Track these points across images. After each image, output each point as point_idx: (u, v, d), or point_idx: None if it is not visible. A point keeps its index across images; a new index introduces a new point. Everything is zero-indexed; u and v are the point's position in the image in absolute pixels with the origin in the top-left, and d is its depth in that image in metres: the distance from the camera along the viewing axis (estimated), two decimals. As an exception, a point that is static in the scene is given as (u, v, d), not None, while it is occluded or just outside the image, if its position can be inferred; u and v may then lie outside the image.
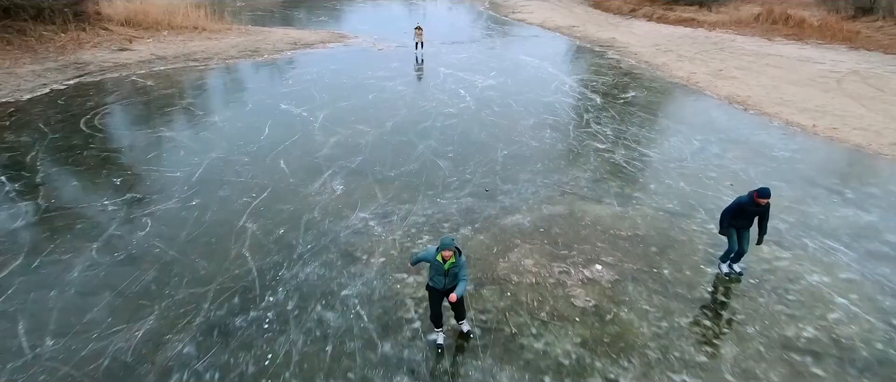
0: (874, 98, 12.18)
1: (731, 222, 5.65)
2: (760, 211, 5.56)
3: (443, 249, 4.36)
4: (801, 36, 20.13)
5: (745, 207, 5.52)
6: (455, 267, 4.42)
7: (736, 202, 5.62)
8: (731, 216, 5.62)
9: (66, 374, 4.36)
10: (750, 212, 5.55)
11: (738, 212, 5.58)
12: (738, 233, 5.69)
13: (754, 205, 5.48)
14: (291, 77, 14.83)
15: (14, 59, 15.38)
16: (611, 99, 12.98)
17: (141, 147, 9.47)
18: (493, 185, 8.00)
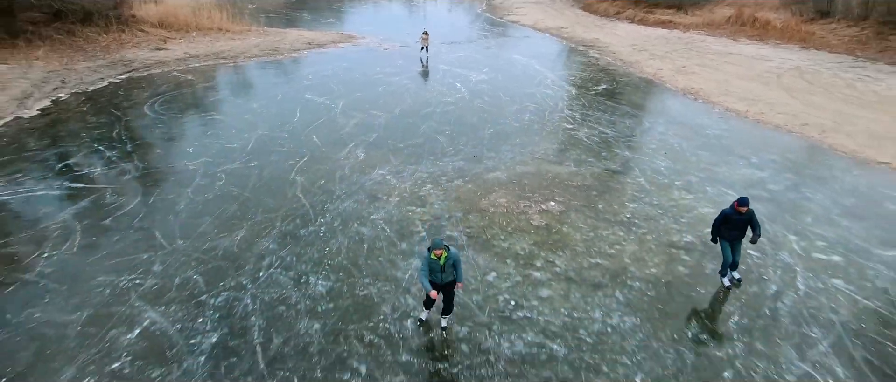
0: (803, 90, 14.61)
1: (723, 234, 6.16)
2: (745, 218, 6.04)
3: (434, 249, 5.12)
4: (763, 37, 22.58)
5: (730, 217, 6.03)
6: (449, 261, 5.21)
7: (721, 213, 6.12)
8: (721, 227, 6.14)
9: (198, 257, 6.78)
10: (736, 221, 6.05)
11: (725, 223, 6.09)
12: (731, 245, 6.20)
13: (737, 214, 5.99)
14: (311, 73, 17.24)
15: (69, 57, 17.79)
16: (584, 91, 15.42)
17: (200, 126, 11.90)
18: (480, 153, 10.42)
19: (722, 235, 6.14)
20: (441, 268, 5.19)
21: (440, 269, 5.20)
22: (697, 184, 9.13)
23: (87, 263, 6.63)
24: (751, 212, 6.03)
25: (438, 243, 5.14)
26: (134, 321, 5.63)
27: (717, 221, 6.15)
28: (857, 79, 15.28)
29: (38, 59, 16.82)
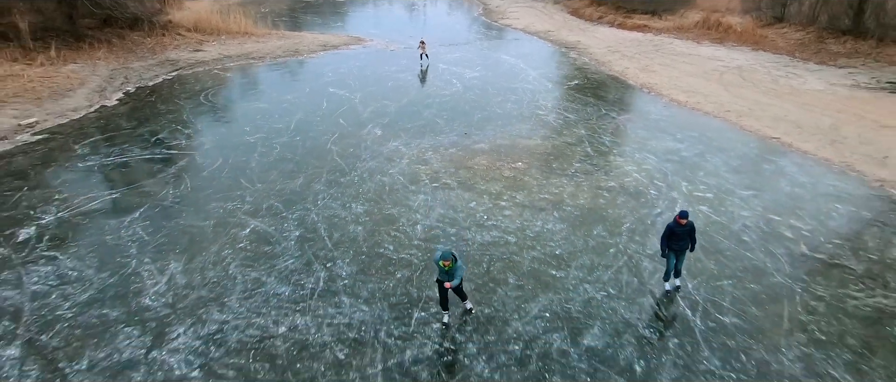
0: (736, 85, 17.90)
1: (670, 245, 6.87)
2: (687, 229, 6.79)
3: (442, 259, 6.04)
4: (724, 39, 25.87)
5: (674, 229, 6.78)
6: (453, 269, 6.17)
7: (666, 228, 6.89)
8: (667, 240, 6.87)
9: (274, 193, 10.05)
10: (679, 233, 6.81)
11: (670, 236, 6.83)
12: (676, 256, 7.00)
13: (679, 226, 6.73)
14: (330, 71, 20.51)
15: (123, 57, 21.07)
16: (559, 85, 18.71)
17: (249, 112, 15.18)
18: (469, 131, 13.69)
19: (670, 248, 6.90)
20: (447, 274, 6.21)
21: (446, 274, 6.24)
22: (629, 152, 12.41)
23: (201, 197, 9.92)
24: (691, 224, 6.84)
25: (447, 254, 6.10)
26: (244, 225, 8.90)
27: (663, 236, 6.91)
28: (783, 76, 18.61)
29: (100, 58, 20.10)
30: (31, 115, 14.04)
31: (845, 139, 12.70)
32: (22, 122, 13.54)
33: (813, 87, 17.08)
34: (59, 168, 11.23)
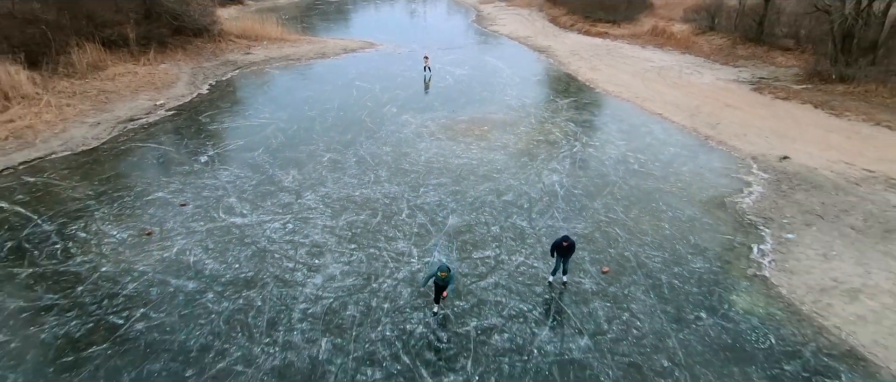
0: (653, 80, 24.86)
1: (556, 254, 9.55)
2: (566, 248, 9.29)
3: (440, 271, 8.16)
4: (664, 44, 32.86)
5: (559, 244, 9.38)
6: (447, 280, 8.28)
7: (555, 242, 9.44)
8: (555, 250, 9.51)
9: (336, 140, 17.02)
10: (564, 248, 9.36)
11: (557, 248, 9.47)
12: (563, 261, 9.61)
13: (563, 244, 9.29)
14: (352, 69, 27.50)
15: (195, 59, 28.04)
16: (524, 80, 25.69)
17: (302, 97, 22.15)
18: (456, 110, 20.66)
19: (557, 253, 9.56)
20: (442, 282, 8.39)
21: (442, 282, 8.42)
22: (558, 121, 19.36)
23: (292, 143, 16.86)
24: (572, 244, 9.42)
25: (444, 267, 8.17)
26: (323, 156, 15.86)
27: (553, 247, 9.60)
28: (688, 73, 25.64)
29: (180, 59, 27.11)
30: (158, 99, 21.05)
31: (700, 114, 19.69)
32: (156, 103, 20.54)
33: (703, 81, 24.12)
34: (198, 129, 18.23)
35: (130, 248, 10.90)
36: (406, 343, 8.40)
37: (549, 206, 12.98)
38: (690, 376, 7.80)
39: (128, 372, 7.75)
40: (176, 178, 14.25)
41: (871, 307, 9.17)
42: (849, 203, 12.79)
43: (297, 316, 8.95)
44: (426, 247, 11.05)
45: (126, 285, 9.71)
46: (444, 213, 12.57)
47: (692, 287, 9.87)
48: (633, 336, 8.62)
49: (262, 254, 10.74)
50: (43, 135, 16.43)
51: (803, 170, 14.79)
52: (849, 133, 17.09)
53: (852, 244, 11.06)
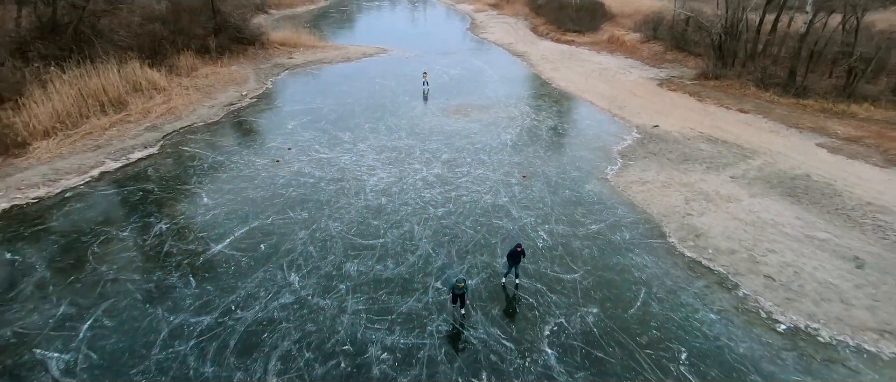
0: (595, 78, 34.69)
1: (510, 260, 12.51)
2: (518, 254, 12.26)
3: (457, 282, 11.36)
4: (616, 51, 42.72)
5: (513, 251, 12.33)
6: (464, 289, 11.55)
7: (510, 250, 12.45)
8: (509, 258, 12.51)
9: (371, 119, 26.86)
10: (516, 255, 12.32)
11: (511, 256, 12.41)
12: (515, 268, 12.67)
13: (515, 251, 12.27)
14: (373, 69, 37.39)
15: (253, 62, 37.86)
16: (502, 78, 35.54)
17: (339, 90, 32.00)
18: (450, 99, 30.51)
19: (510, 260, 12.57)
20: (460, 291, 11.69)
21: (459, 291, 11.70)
22: (516, 105, 29.18)
23: (342, 118, 26.68)
24: (523, 251, 12.55)
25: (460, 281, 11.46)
26: (364, 125, 25.70)
27: (508, 254, 12.61)
28: (621, 73, 35.51)
29: (242, 62, 37.00)
30: (242, 91, 30.89)
31: (615, 100, 29.52)
32: (241, 94, 30.37)
33: (628, 79, 34.00)
34: (277, 110, 28.03)
35: (271, 168, 20.67)
36: (421, 200, 18.10)
37: (501, 150, 22.77)
38: (552, 210, 17.51)
39: (293, 210, 17.45)
40: (278, 137, 24.05)
41: (649, 189, 18.91)
42: (675, 148, 22.59)
43: (367, 191, 18.69)
44: (431, 169, 20.79)
45: (277, 180, 19.47)
46: (440, 153, 22.36)
47: (567, 182, 19.62)
48: (532, 198, 18.35)
49: (343, 169, 20.50)
50: (184, 113, 26.27)
51: (662, 132, 24.60)
52: (701, 112, 26.96)
53: (661, 166, 20.85)
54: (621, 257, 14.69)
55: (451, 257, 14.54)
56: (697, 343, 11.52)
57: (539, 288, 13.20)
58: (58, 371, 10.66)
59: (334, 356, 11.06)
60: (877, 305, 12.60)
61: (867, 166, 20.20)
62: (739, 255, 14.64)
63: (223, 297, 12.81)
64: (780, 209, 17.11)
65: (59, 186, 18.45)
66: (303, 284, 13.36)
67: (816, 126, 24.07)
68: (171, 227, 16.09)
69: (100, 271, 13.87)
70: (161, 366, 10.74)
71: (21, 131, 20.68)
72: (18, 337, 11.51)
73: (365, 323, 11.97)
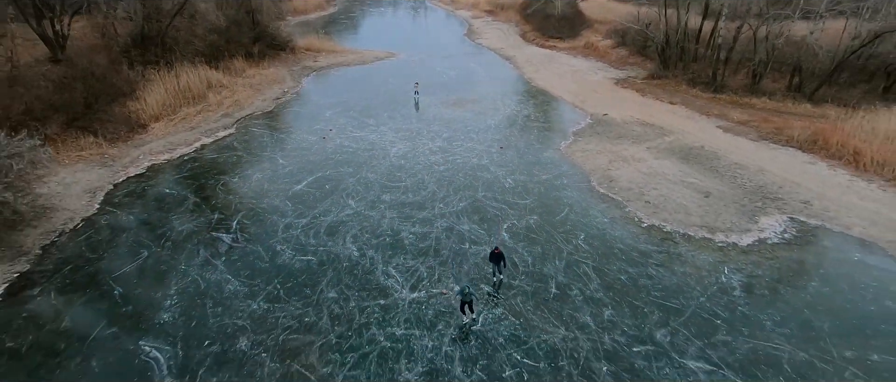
0: (567, 78, 43.44)
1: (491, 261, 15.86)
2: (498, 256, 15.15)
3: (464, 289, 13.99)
4: (589, 55, 51.49)
5: (493, 253, 15.47)
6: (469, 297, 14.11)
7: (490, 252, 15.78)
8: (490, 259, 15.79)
9: (388, 108, 35.64)
10: (495, 256, 15.41)
11: (492, 257, 15.55)
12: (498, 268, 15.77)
13: (494, 253, 15.31)
14: (385, 71, 46.20)
15: (285, 65, 46.59)
16: (491, 78, 44.33)
17: (360, 87, 40.81)
18: (448, 95, 39.30)
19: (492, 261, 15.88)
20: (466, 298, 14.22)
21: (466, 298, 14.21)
22: (501, 99, 37.96)
23: (367, 108, 35.44)
24: (501, 252, 15.63)
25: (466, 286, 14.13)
26: (383, 112, 34.44)
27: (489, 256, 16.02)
28: (589, 74, 44.31)
29: (277, 66, 45.78)
30: (284, 88, 39.68)
31: (579, 95, 38.28)
32: (284, 90, 39.14)
33: (593, 79, 42.79)
34: (315, 103, 36.80)
35: (319, 142, 29.36)
36: (427, 161, 26.76)
37: (486, 131, 31.48)
38: (518, 167, 26.14)
39: (342, 167, 26.10)
40: (319, 122, 32.78)
41: (587, 155, 27.61)
42: (614, 129, 31.30)
43: (390, 156, 27.37)
44: (435, 143, 29.44)
45: (326, 150, 28.17)
46: (441, 133, 31.07)
47: (531, 151, 28.30)
48: (505, 160, 27.01)
49: (372, 143, 29.19)
50: (245, 104, 35.03)
51: (609, 119, 33.30)
52: (641, 104, 35.74)
53: (600, 141, 29.56)
54: (558, 192, 23.42)
55: (449, 192, 23.25)
56: (592, 231, 20.22)
57: (502, 207, 21.91)
58: (226, 244, 19.31)
59: (382, 236, 19.74)
60: (706, 215, 21.32)
61: (745, 140, 28.97)
62: (633, 191, 23.36)
63: (310, 211, 21.53)
64: (671, 166, 25.85)
65: (177, 153, 27.20)
66: (357, 205, 22.07)
67: (721, 114, 32.87)
68: (263, 176, 24.83)
69: (229, 198, 22.61)
70: (285, 240, 19.41)
71: (141, 116, 29.44)
72: (197, 229, 20.21)
73: (397, 223, 20.67)
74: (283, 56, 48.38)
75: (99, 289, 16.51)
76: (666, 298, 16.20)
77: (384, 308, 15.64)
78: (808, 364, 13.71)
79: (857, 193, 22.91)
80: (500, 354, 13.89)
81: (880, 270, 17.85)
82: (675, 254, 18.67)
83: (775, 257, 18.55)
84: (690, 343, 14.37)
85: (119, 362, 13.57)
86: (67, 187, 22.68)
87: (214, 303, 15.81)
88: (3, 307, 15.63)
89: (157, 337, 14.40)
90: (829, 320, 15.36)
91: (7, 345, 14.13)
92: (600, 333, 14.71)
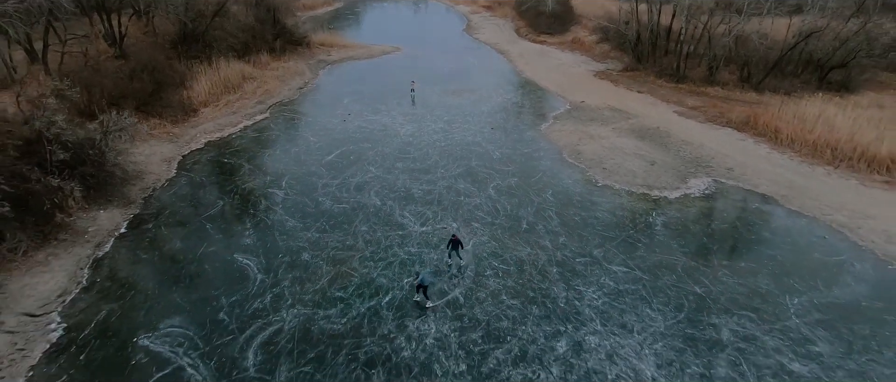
0: (553, 70, 49.83)
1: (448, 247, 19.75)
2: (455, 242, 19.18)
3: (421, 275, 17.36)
4: (575, 49, 57.83)
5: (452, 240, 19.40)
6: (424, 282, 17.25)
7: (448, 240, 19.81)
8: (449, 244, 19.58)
9: (396, 95, 42.11)
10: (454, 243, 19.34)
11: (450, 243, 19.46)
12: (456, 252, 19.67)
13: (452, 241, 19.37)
14: (391, 64, 52.62)
15: (303, 59, 52.95)
16: (485, 69, 50.76)
17: (370, 79, 47.26)
18: (448, 85, 45.73)
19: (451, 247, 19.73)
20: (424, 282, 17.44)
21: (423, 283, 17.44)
22: (493, 86, 44.42)
23: (380, 94, 41.89)
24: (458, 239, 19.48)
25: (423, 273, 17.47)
26: (391, 98, 40.92)
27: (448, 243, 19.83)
28: (573, 67, 50.71)
29: (295, 59, 52.17)
30: (304, 79, 46.12)
31: (562, 85, 44.72)
32: (305, 81, 45.57)
33: (576, 71, 49.21)
34: (333, 92, 43.23)
35: (341, 124, 35.85)
36: (431, 139, 33.22)
37: (480, 115, 37.96)
38: (505, 143, 32.57)
39: (362, 143, 32.58)
40: (338, 107, 39.23)
41: (562, 134, 34.07)
42: (587, 114, 37.76)
43: (401, 135, 33.85)
44: (437, 125, 35.89)
45: (348, 129, 34.66)
46: (442, 117, 37.54)
47: (516, 131, 34.77)
48: (495, 138, 33.47)
49: (385, 125, 35.67)
50: (274, 93, 41.47)
51: (584, 105, 39.75)
52: (614, 92, 42.19)
53: (574, 123, 36.03)
54: (535, 162, 29.93)
55: (448, 161, 29.72)
56: (558, 188, 26.72)
57: (490, 172, 28.39)
58: (280, 197, 25.80)
59: (397, 191, 26.25)
60: (648, 178, 27.83)
61: (694, 122, 35.46)
62: (594, 161, 29.87)
63: (340, 174, 28.03)
64: (629, 142, 32.36)
65: (226, 132, 33.69)
66: (376, 170, 28.57)
67: (678, 101, 39.36)
68: (299, 150, 31.32)
69: (275, 166, 29.10)
70: (324, 194, 25.91)
71: (193, 102, 35.91)
72: (255, 186, 26.71)
73: (409, 182, 27.17)
74: (301, 50, 54.74)
75: (193, 225, 23.03)
76: (605, 231, 22.76)
77: (402, 236, 22.18)
78: (695, 268, 20.25)
79: (771, 162, 29.47)
80: (484, 263, 20.41)
81: (769, 214, 24.44)
82: (618, 204, 25.21)
83: (694, 206, 25.12)
84: (616, 256, 20.93)
85: (224, 266, 20.09)
86: (148, 157, 29.16)
87: (280, 233, 22.34)
88: (130, 236, 22.16)
89: (246, 253, 20.92)
90: (718, 244, 21.95)
91: (142, 257, 20.68)
92: (555, 251, 21.26)
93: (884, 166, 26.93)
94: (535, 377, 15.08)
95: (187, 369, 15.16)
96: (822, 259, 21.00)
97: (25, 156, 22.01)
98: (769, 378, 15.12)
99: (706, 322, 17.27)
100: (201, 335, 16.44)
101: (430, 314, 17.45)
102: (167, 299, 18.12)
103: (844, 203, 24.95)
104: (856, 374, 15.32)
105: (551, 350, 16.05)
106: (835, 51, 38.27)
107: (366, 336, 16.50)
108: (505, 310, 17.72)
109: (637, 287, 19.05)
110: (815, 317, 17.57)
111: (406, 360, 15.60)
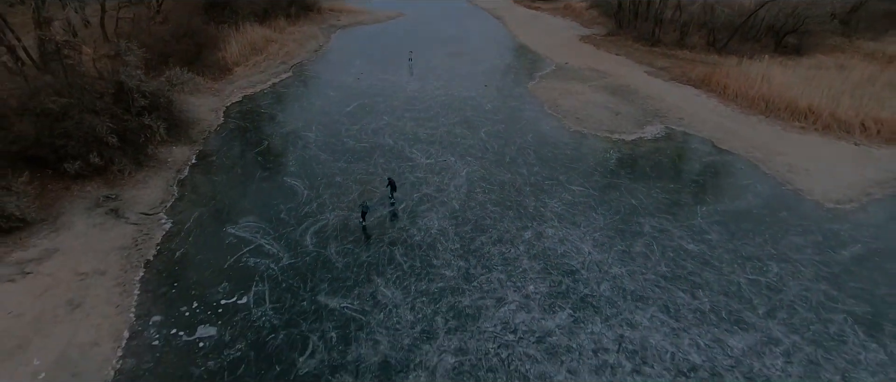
0: (545, 34, 55.78)
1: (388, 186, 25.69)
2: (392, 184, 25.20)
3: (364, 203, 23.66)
4: (567, 14, 63.54)
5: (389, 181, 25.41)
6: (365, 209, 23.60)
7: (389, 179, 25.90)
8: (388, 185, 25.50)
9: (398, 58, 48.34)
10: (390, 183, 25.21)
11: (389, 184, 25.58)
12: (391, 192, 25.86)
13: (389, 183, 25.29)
14: (397, 28, 58.60)
15: (315, 23, 58.88)
16: (481, 34, 56.76)
17: (378, 42, 53.39)
18: (448, 48, 51.85)
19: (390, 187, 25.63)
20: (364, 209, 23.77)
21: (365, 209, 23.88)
22: (491, 51, 50.57)
23: (386, 59, 48.14)
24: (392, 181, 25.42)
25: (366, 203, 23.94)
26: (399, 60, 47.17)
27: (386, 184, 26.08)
28: (562, 31, 56.70)
29: (307, 23, 58.12)
30: (318, 42, 52.26)
31: (550, 48, 50.86)
32: (319, 44, 51.68)
33: (566, 35, 55.21)
34: (345, 53, 49.44)
35: (355, 82, 42.27)
36: (433, 94, 39.69)
37: (476, 74, 44.34)
38: (496, 97, 39.05)
39: (375, 97, 39.09)
40: (352, 68, 45.58)
41: (546, 90, 40.52)
42: (570, 73, 44.10)
43: (407, 91, 40.35)
44: (438, 82, 42.26)
45: (361, 86, 41.10)
46: (443, 76, 43.92)
47: (507, 88, 41.24)
48: (488, 94, 39.95)
49: (393, 82, 42.11)
50: (294, 54, 47.69)
51: (568, 66, 46.02)
52: (595, 55, 48.40)
53: (557, 81, 42.44)
54: (520, 113, 36.51)
55: (447, 112, 36.28)
56: (537, 133, 33.39)
57: (482, 120, 34.99)
58: (312, 138, 32.50)
59: (406, 134, 32.94)
60: (612, 124, 34.45)
61: (660, 81, 41.88)
62: (570, 112, 36.45)
63: (359, 121, 34.66)
64: (601, 97, 38.86)
65: (259, 88, 40.16)
66: (389, 118, 35.20)
67: (650, 62, 45.64)
68: (322, 102, 37.87)
69: (304, 115, 35.69)
70: (347, 137, 32.62)
71: (227, 61, 42.25)
72: (292, 130, 33.37)
73: (415, 128, 33.82)
74: (312, 16, 60.61)
75: (247, 158, 29.82)
76: (571, 163, 29.56)
77: (411, 166, 28.98)
78: (635, 188, 27.11)
79: (716, 113, 36.09)
80: (475, 184, 27.25)
81: (704, 152, 31.22)
82: (584, 144, 31.96)
83: (645, 146, 31.87)
84: (575, 180, 27.76)
85: (276, 187, 26.95)
86: (198, 108, 35.75)
87: (316, 164, 29.14)
88: (200, 166, 28.98)
89: (293, 177, 27.75)
90: (657, 172, 28.78)
91: (214, 179, 27.53)
92: (529, 176, 28.08)
93: (802, 115, 33.51)
94: (507, 252, 22.10)
95: (265, 246, 22.18)
96: (734, 182, 27.88)
97: (116, 103, 28.63)
98: (670, 253, 22.14)
99: (634, 221, 24.25)
100: (270, 227, 23.44)
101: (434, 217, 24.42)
102: (241, 205, 25.08)
103: (764, 143, 31.68)
104: (731, 251, 22.34)
105: (520, 237, 23.04)
106: (787, 17, 44.31)
107: (388, 229, 23.49)
108: (489, 213, 24.69)
109: (588, 200, 25.96)
110: (714, 219, 24.54)
111: (417, 241, 22.63)
